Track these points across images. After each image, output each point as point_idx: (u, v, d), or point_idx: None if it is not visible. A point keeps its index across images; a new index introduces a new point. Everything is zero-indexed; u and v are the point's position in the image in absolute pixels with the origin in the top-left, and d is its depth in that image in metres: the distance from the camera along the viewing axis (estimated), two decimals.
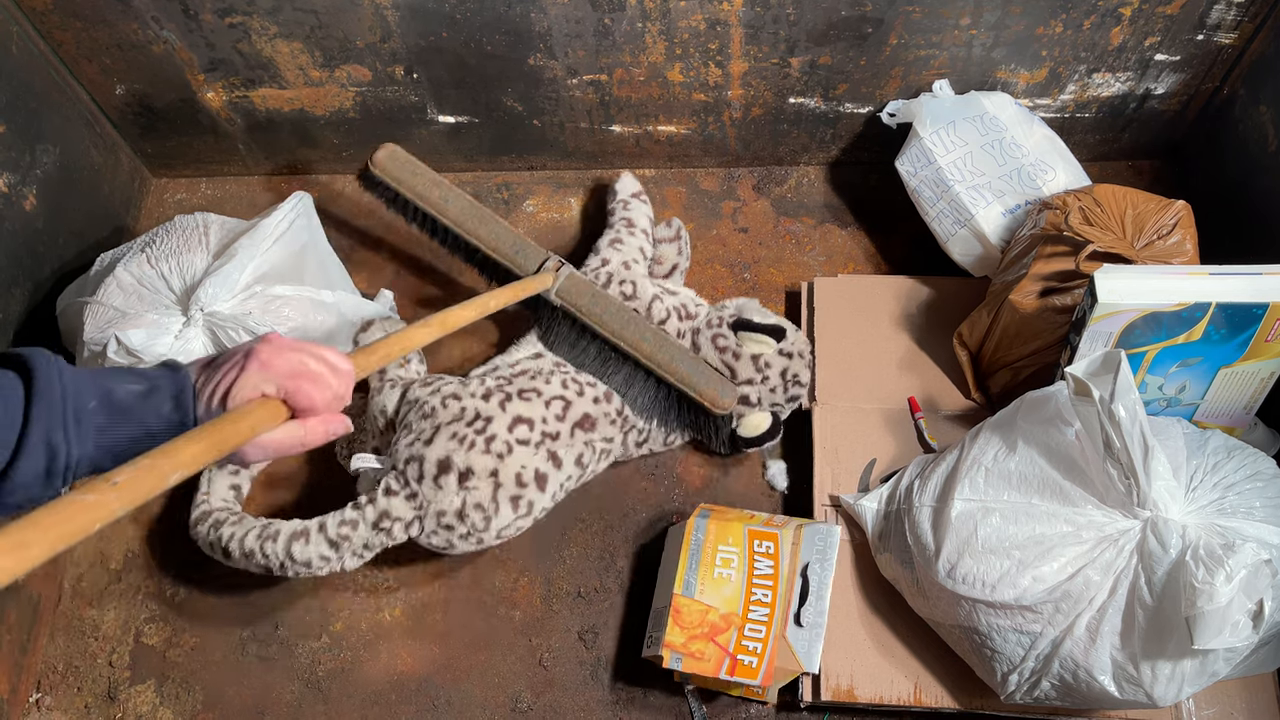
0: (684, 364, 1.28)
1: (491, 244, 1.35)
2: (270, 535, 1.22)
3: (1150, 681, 1.02)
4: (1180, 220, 1.22)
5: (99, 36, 1.41)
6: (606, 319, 1.30)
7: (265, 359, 0.73)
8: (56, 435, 0.65)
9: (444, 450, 1.19)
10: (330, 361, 0.77)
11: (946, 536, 1.10)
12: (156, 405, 0.70)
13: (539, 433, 1.23)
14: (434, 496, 1.19)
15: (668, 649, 1.19)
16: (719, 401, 1.28)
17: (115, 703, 1.30)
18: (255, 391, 0.73)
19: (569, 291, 1.31)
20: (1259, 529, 1.01)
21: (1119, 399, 0.98)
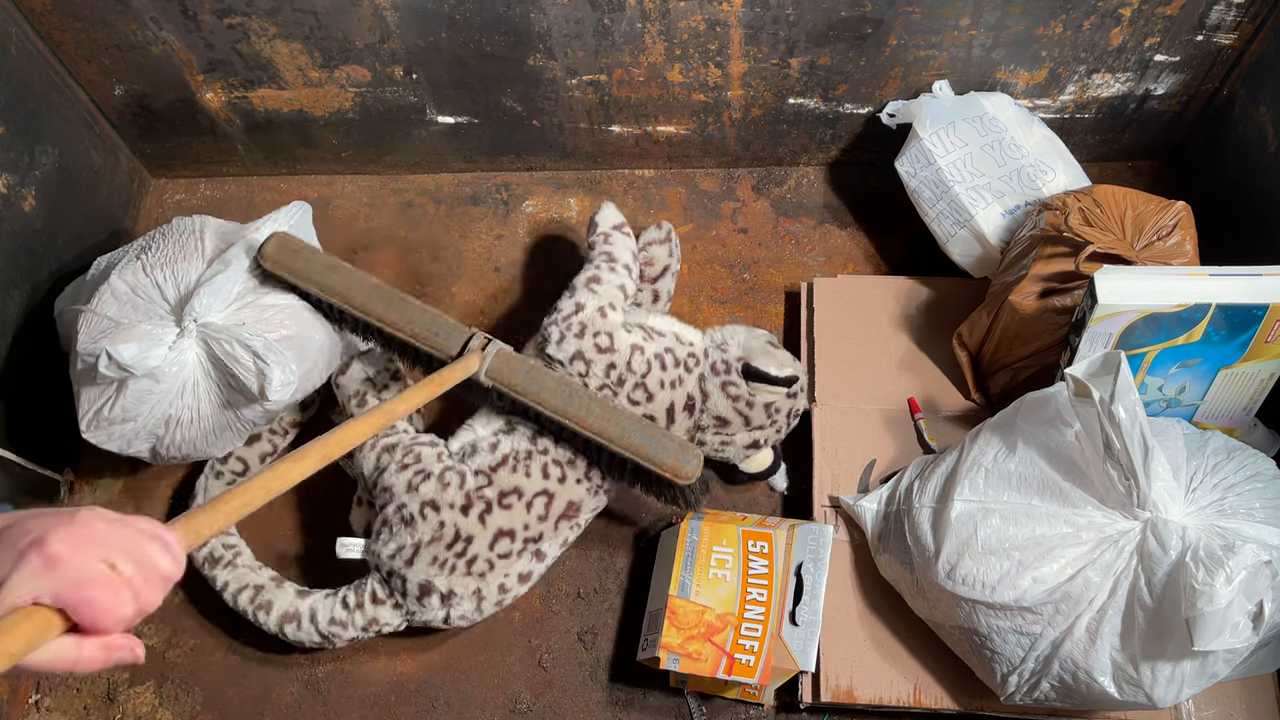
0: (638, 436, 1.18)
1: (406, 328, 1.23)
2: (263, 605, 1.24)
3: (1150, 682, 1.02)
4: (1180, 221, 1.22)
5: (98, 37, 1.41)
6: (546, 397, 1.19)
7: (52, 554, 0.58)
8: None
9: (425, 575, 1.19)
10: (147, 562, 0.61)
11: (946, 537, 1.10)
12: None
13: (521, 540, 1.20)
14: (418, 610, 1.21)
15: (664, 650, 1.19)
16: (680, 471, 1.18)
17: (114, 704, 1.30)
18: (27, 596, 0.57)
19: (500, 372, 1.20)
20: (1259, 530, 1.01)
21: (1119, 400, 0.98)
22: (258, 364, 1.23)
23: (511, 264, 1.58)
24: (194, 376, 1.27)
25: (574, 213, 1.63)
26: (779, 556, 1.21)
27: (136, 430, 1.28)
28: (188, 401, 1.27)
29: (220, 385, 1.28)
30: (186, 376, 1.26)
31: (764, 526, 1.24)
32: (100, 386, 1.26)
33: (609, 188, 1.64)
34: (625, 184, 1.65)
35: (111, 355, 1.20)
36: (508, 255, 1.59)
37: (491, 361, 1.20)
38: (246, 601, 1.25)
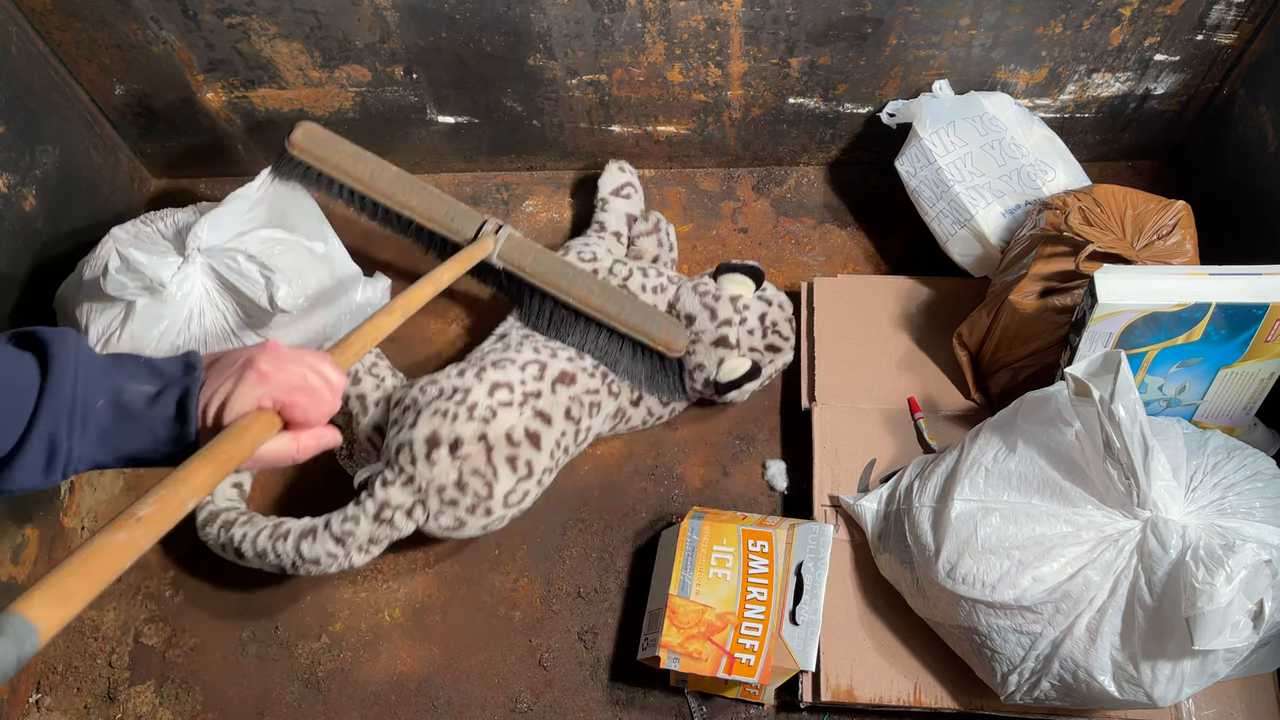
0: (633, 313, 1.29)
1: (425, 213, 1.33)
2: (281, 534, 1.23)
3: (1150, 682, 1.02)
4: (1180, 220, 1.22)
5: (98, 37, 1.41)
6: (552, 277, 1.29)
7: (264, 370, 0.73)
8: (60, 433, 0.65)
9: (429, 428, 1.20)
10: (325, 375, 0.77)
11: (946, 537, 1.10)
12: (162, 411, 0.70)
13: (520, 393, 1.23)
14: (429, 473, 1.19)
15: (665, 649, 1.19)
16: (672, 344, 1.29)
17: (115, 703, 1.30)
18: (252, 403, 0.72)
19: (511, 254, 1.30)
20: (1259, 529, 1.01)
21: (1119, 399, 0.98)
22: (264, 274, 1.29)
23: None
24: (200, 305, 1.32)
25: (574, 212, 1.63)
26: (779, 556, 1.21)
27: None
28: (194, 332, 1.31)
29: (226, 313, 1.32)
30: (193, 304, 1.31)
31: (764, 526, 1.24)
32: (109, 314, 1.29)
33: None
34: None
35: (122, 254, 1.23)
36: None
37: (503, 245, 1.30)
38: (266, 539, 1.23)
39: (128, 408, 0.68)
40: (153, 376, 0.71)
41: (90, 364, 0.68)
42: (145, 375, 0.71)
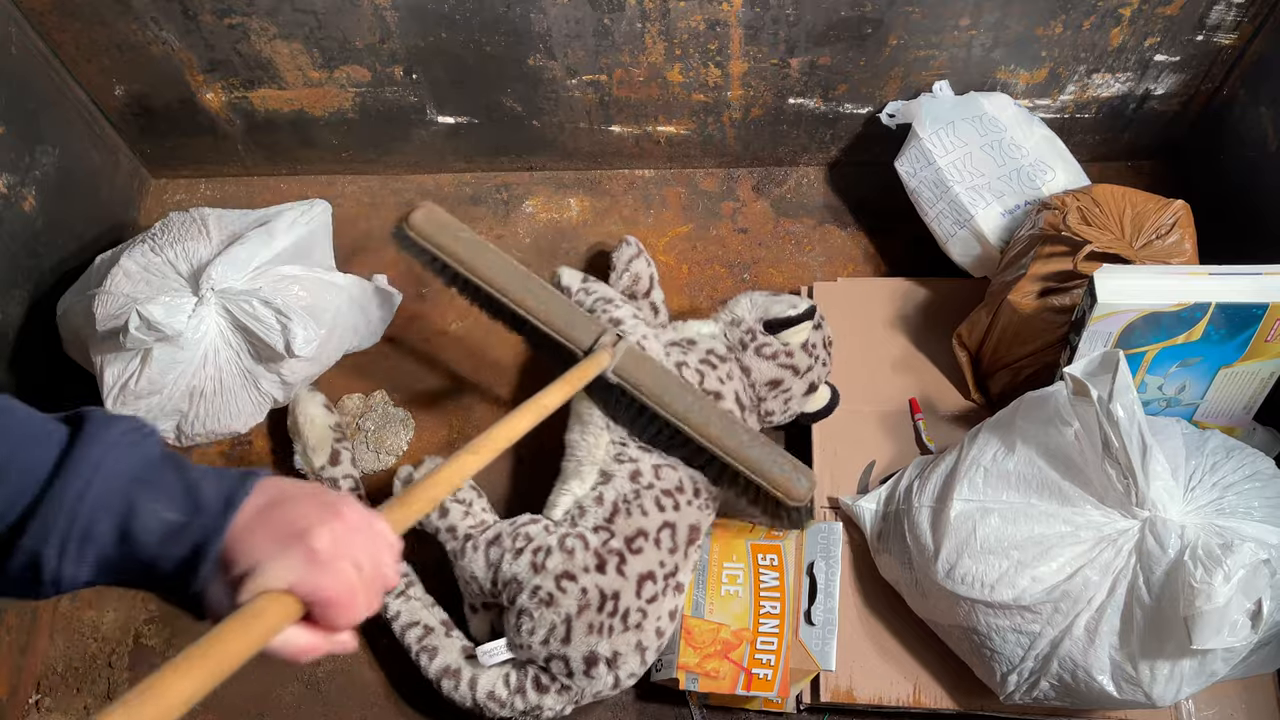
0: (754, 450, 1.14)
1: (544, 317, 1.21)
2: (428, 649, 1.20)
3: (1149, 681, 1.02)
4: (1179, 220, 1.22)
5: (98, 37, 1.41)
6: (668, 400, 1.16)
7: (317, 553, 0.59)
8: (49, 554, 0.56)
9: (586, 646, 1.13)
10: (382, 571, 0.63)
11: (945, 537, 1.10)
12: (173, 551, 0.59)
13: (662, 579, 1.16)
14: (588, 685, 1.14)
15: (682, 670, 1.19)
16: (792, 493, 1.13)
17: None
18: (282, 582, 0.58)
19: (627, 370, 1.17)
20: (1258, 529, 1.01)
21: (1117, 399, 0.98)
22: (281, 320, 1.28)
23: None
24: (214, 345, 1.31)
25: (574, 213, 1.63)
26: (789, 566, 1.22)
27: (162, 405, 1.32)
28: (210, 372, 1.31)
29: (241, 352, 1.32)
30: (208, 345, 1.31)
31: (771, 538, 1.24)
32: (125, 360, 1.29)
33: (609, 188, 1.64)
34: (625, 184, 1.65)
35: (142, 314, 1.23)
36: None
37: (621, 358, 1.17)
38: (414, 639, 1.21)
39: (135, 536, 0.58)
40: (185, 500, 0.60)
41: (116, 472, 0.58)
42: (175, 498, 0.60)
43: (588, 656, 1.13)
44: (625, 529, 1.16)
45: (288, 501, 0.62)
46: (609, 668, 1.13)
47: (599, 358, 1.15)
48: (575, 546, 1.15)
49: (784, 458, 1.15)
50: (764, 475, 1.14)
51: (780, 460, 1.14)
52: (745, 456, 1.14)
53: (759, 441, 1.15)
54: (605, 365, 1.16)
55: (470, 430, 1.44)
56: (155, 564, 0.59)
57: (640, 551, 1.15)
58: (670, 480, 1.19)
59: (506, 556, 1.16)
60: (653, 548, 1.16)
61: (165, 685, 0.51)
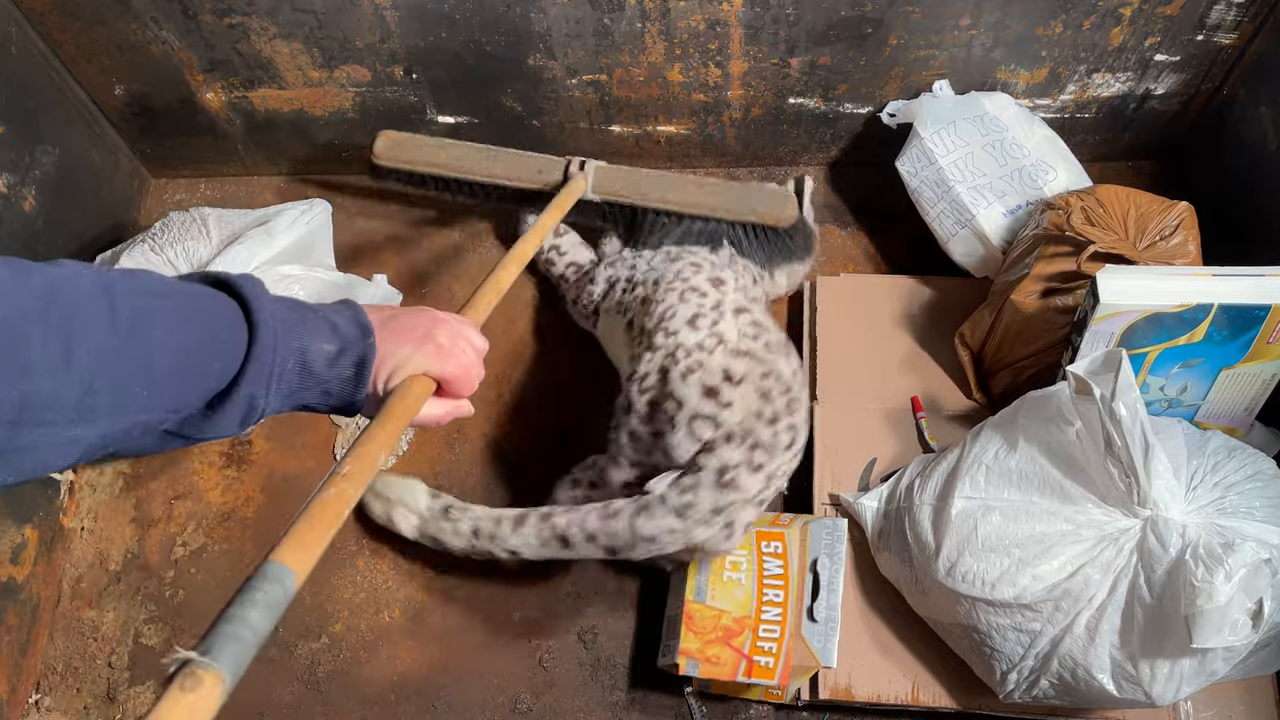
0: (736, 197, 1.34)
1: (514, 176, 1.39)
2: (611, 514, 1.14)
3: (1149, 680, 1.02)
4: (1183, 221, 1.22)
5: (98, 37, 1.41)
6: (649, 191, 1.35)
7: (442, 345, 0.79)
8: (259, 393, 0.69)
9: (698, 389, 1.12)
10: (481, 352, 0.84)
11: (946, 535, 1.10)
12: (340, 370, 0.74)
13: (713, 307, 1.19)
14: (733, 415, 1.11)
15: (684, 656, 1.18)
16: (780, 216, 1.33)
17: (115, 703, 1.30)
18: (421, 368, 0.77)
19: (603, 185, 1.36)
20: (1259, 529, 1.01)
21: (1120, 397, 0.98)
22: None
23: None
24: None
25: None
26: (794, 556, 1.21)
27: None
28: None
29: None
30: None
31: (776, 525, 1.24)
32: None
33: None
34: None
35: None
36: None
37: (594, 178, 1.35)
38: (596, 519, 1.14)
39: (311, 367, 0.72)
40: (333, 335, 0.74)
41: (284, 325, 0.70)
42: (327, 334, 0.74)
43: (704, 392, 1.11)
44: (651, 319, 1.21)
45: (398, 316, 0.80)
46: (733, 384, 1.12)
47: (574, 184, 1.33)
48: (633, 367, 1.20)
49: (762, 191, 1.34)
50: (754, 214, 1.34)
51: (758, 194, 1.34)
52: (730, 207, 1.34)
53: (735, 188, 1.34)
54: (583, 189, 1.32)
55: (470, 430, 1.44)
56: (327, 385, 0.74)
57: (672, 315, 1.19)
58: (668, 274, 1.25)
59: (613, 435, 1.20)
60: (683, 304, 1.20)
61: (375, 433, 0.71)
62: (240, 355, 0.67)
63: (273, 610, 0.55)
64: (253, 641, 0.52)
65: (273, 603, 0.55)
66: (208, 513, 1.41)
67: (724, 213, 1.34)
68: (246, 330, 0.68)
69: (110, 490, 1.44)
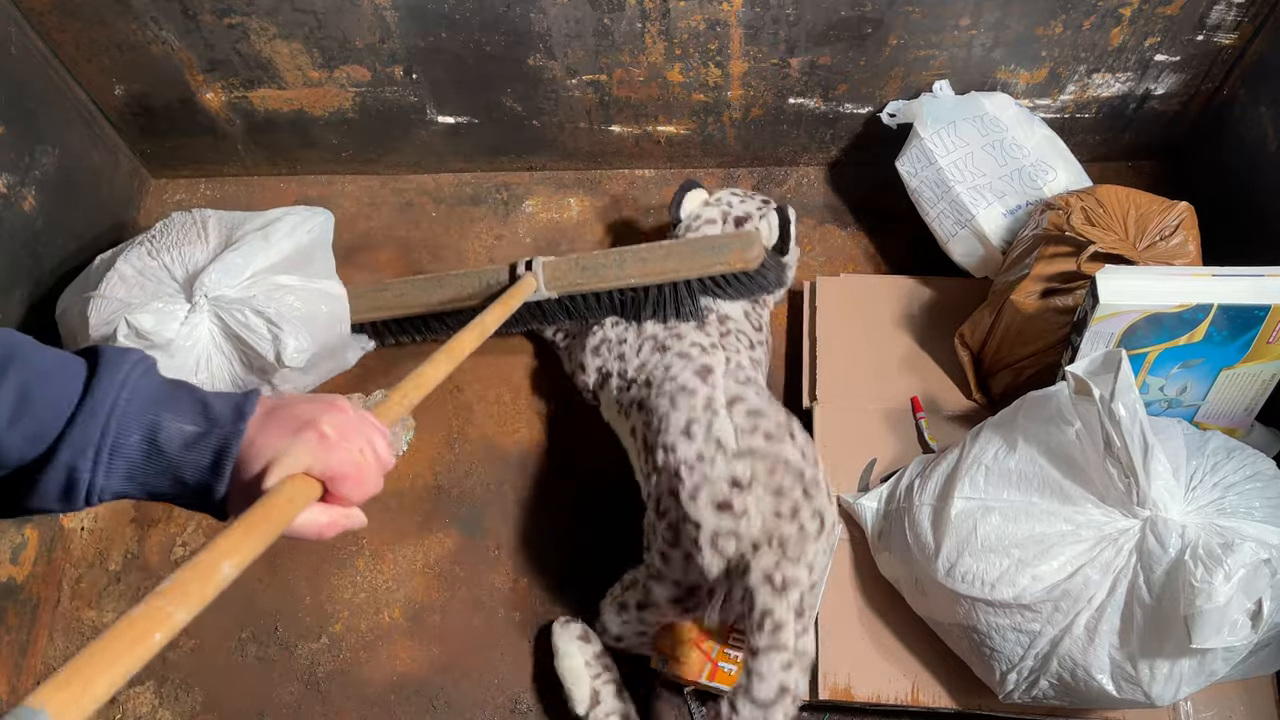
0: (695, 254, 1.29)
1: (463, 295, 1.36)
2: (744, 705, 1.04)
3: (1148, 680, 1.01)
4: (1183, 221, 1.22)
5: (98, 37, 1.41)
6: (605, 273, 1.31)
7: (326, 435, 0.67)
8: (82, 465, 0.62)
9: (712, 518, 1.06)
10: (380, 454, 0.72)
11: (946, 535, 1.10)
12: (197, 456, 0.65)
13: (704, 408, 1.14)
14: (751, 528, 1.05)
15: (656, 651, 1.22)
16: (747, 258, 1.29)
17: (115, 703, 1.30)
18: (301, 467, 0.66)
19: (556, 280, 1.31)
20: (1258, 529, 1.01)
21: (1119, 398, 0.98)
22: (272, 330, 1.27)
23: None
24: (207, 351, 1.31)
25: (574, 212, 1.63)
26: None
27: None
28: (202, 378, 1.31)
29: (233, 360, 1.31)
30: (200, 352, 1.30)
31: None
32: None
33: (609, 188, 1.64)
34: (625, 184, 1.65)
35: (130, 323, 1.22)
36: (508, 255, 1.59)
37: (544, 275, 1.31)
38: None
39: (160, 446, 0.65)
40: (200, 416, 0.67)
41: (137, 393, 0.64)
42: (193, 414, 0.67)
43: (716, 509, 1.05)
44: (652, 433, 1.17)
45: (288, 404, 0.70)
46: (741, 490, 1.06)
47: (523, 283, 1.29)
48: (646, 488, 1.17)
49: (723, 239, 1.29)
50: (718, 263, 1.29)
51: (720, 244, 1.29)
52: (690, 264, 1.29)
53: (690, 244, 1.30)
54: (533, 287, 1.29)
55: (470, 429, 1.44)
56: (180, 471, 0.65)
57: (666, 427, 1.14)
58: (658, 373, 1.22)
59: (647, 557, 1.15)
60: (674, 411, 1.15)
61: (207, 554, 0.57)
62: (63, 417, 0.62)
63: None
64: None
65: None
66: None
67: (688, 272, 1.29)
68: (80, 390, 0.63)
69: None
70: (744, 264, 1.29)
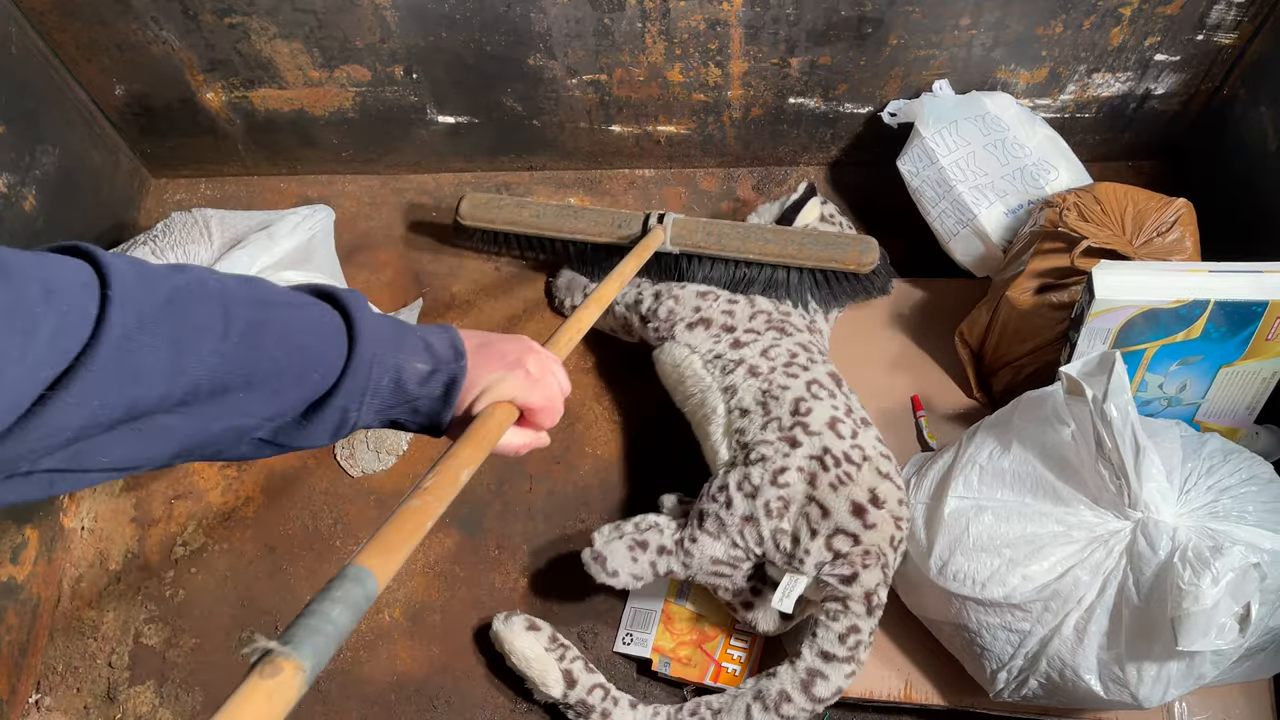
0: (816, 245, 1.33)
1: (595, 231, 1.41)
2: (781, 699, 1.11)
3: (1136, 682, 1.01)
4: (1180, 218, 1.22)
5: (98, 37, 1.41)
6: (727, 242, 1.34)
7: (531, 373, 0.78)
8: (353, 406, 0.70)
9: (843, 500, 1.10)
10: (565, 389, 0.83)
11: (939, 534, 1.10)
12: (431, 389, 0.74)
13: (846, 418, 1.17)
14: (876, 537, 1.10)
15: (657, 653, 1.23)
16: (862, 261, 1.32)
17: (115, 703, 1.30)
18: (507, 395, 0.77)
19: (682, 236, 1.35)
20: (1250, 533, 1.00)
21: (1111, 399, 0.98)
22: None
23: (512, 264, 1.58)
24: None
25: None
26: None
27: None
28: None
29: None
30: None
31: None
32: None
33: (609, 188, 1.64)
34: (625, 184, 1.65)
35: None
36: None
37: (672, 230, 1.35)
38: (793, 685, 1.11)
39: (403, 384, 0.72)
40: (427, 355, 0.74)
41: (381, 341, 0.71)
42: (422, 353, 0.74)
43: (852, 509, 1.10)
44: (781, 406, 1.17)
45: (492, 342, 0.79)
46: (878, 507, 1.10)
47: (653, 236, 1.34)
48: (762, 452, 1.15)
49: (843, 237, 1.31)
50: (834, 260, 1.32)
51: (840, 241, 1.32)
52: (809, 254, 1.33)
53: (815, 236, 1.32)
54: (660, 239, 1.33)
55: None
56: (417, 403, 0.74)
57: (809, 411, 1.16)
58: (782, 354, 1.23)
59: (721, 513, 1.14)
60: (816, 400, 1.17)
61: (459, 451, 0.71)
62: (338, 368, 0.68)
63: (353, 609, 0.56)
64: (334, 636, 0.53)
65: (353, 602, 0.56)
66: (208, 513, 1.41)
67: (806, 260, 1.33)
68: (347, 344, 0.69)
69: (110, 490, 1.44)
70: (858, 266, 1.33)
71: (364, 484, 1.42)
